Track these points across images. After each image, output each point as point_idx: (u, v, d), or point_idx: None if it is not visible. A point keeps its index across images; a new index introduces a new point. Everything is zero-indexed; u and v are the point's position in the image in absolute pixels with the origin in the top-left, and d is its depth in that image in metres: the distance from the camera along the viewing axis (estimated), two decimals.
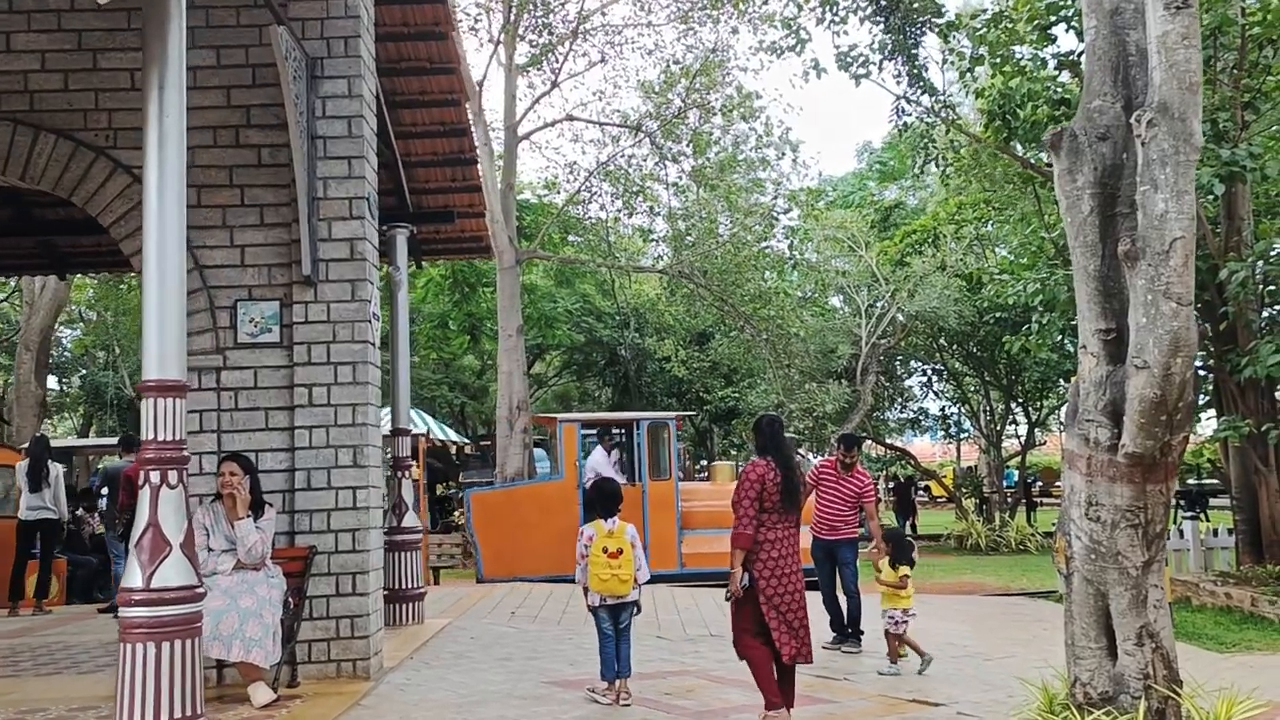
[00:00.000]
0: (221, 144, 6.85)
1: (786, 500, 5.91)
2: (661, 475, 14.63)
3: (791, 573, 5.89)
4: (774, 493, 5.86)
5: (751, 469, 6.01)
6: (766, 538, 5.87)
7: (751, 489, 5.88)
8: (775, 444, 6.03)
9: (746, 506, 5.85)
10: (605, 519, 6.55)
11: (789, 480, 5.93)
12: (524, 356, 20.88)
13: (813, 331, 23.18)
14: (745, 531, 5.82)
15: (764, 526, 5.87)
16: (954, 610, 12.37)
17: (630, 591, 6.49)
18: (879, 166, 43.25)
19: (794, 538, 5.97)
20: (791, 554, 5.93)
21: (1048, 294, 13.47)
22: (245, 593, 5.96)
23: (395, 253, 9.34)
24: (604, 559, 6.41)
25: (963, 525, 24.53)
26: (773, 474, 5.88)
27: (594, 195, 22.57)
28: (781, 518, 5.92)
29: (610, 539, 6.45)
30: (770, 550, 5.86)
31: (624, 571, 6.40)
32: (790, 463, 6.04)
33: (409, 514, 9.19)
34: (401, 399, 9.37)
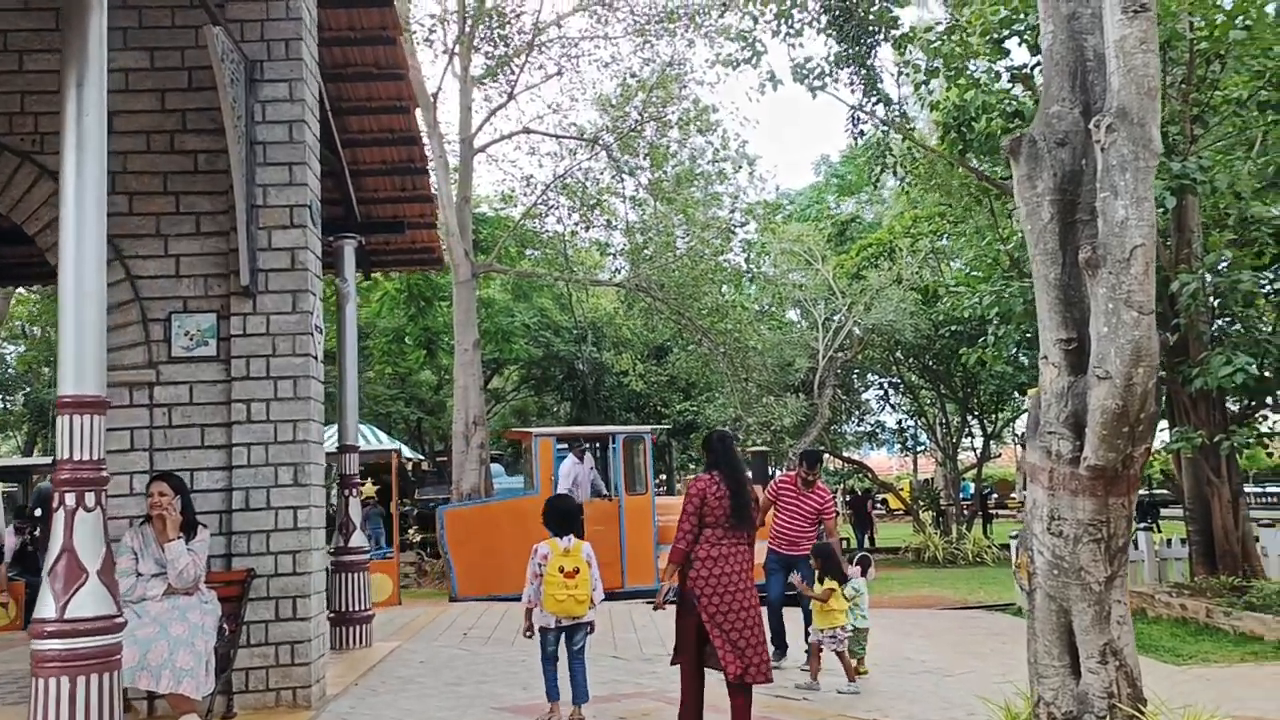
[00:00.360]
0: (155, 149, 6.59)
1: (735, 516, 5.81)
2: (637, 489, 14.42)
3: (738, 590, 5.75)
4: (717, 509, 5.77)
5: (694, 484, 5.94)
6: (710, 554, 5.77)
7: (690, 504, 5.82)
8: (726, 459, 5.94)
9: (683, 522, 5.80)
10: (560, 537, 6.34)
11: (737, 496, 5.81)
12: (480, 371, 20.60)
13: (770, 345, 23.10)
14: (679, 546, 5.80)
15: (708, 542, 5.78)
16: (912, 624, 12.27)
17: (586, 612, 6.29)
18: (836, 180, 43.46)
19: (744, 555, 5.86)
20: (739, 571, 5.80)
21: (1003, 306, 13.46)
22: (176, 619, 5.67)
23: (342, 264, 9.09)
24: (560, 578, 6.20)
25: (920, 538, 24.54)
26: (715, 489, 5.79)
27: (551, 209, 22.38)
28: (728, 534, 5.81)
29: (566, 558, 6.25)
30: (713, 567, 5.75)
31: (580, 591, 6.21)
32: (740, 478, 5.91)
33: (356, 533, 8.91)
34: (349, 415, 9.11)
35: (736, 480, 5.87)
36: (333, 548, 8.98)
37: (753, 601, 5.80)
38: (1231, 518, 12.09)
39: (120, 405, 6.38)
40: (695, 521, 5.80)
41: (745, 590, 5.78)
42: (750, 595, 5.79)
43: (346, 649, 8.73)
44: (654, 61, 21.12)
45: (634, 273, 21.98)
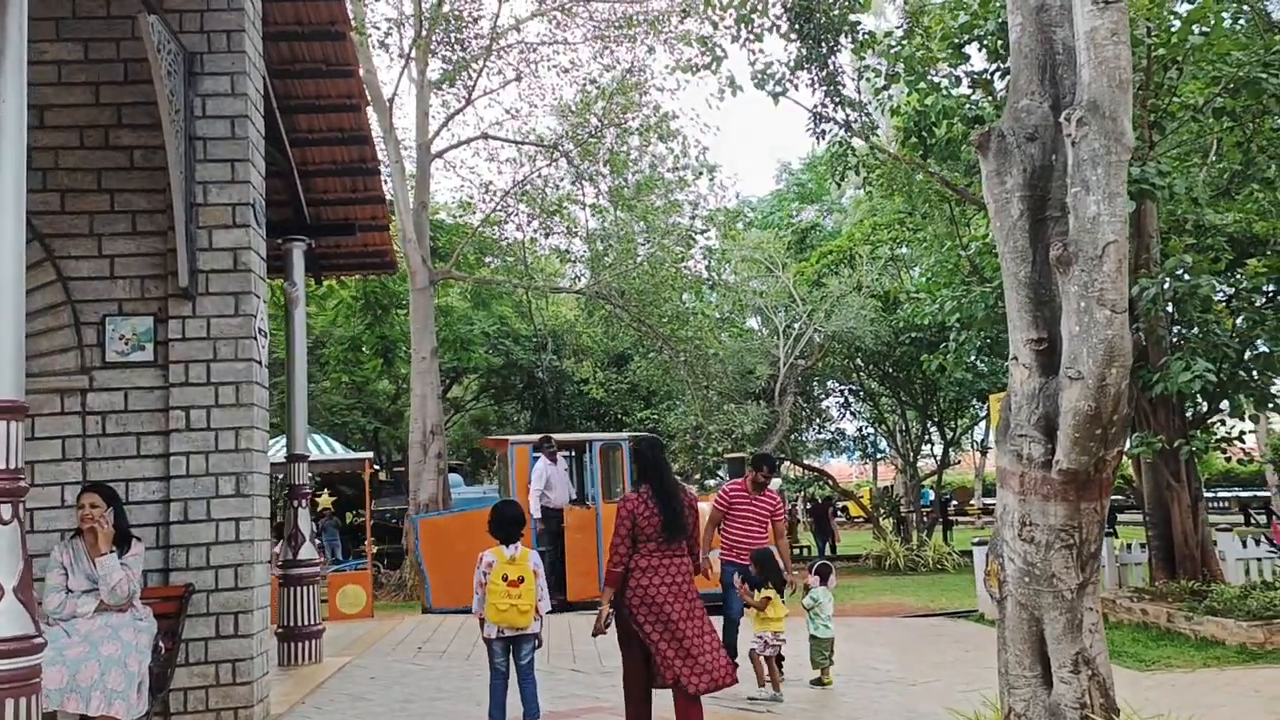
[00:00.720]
0: (89, 145, 6.30)
1: (667, 531, 5.76)
2: (614, 497, 14.15)
3: (677, 599, 5.68)
4: (648, 526, 5.73)
5: (623, 504, 5.87)
6: (639, 565, 5.73)
7: (622, 526, 5.78)
8: (654, 470, 5.92)
9: (617, 544, 5.77)
10: (506, 545, 6.11)
11: (668, 509, 5.76)
12: (438, 379, 20.27)
13: (730, 352, 22.98)
14: (613, 569, 5.76)
15: (642, 556, 5.75)
16: (875, 633, 12.14)
17: (530, 623, 6.06)
18: (797, 188, 43.55)
19: (678, 566, 5.80)
20: (673, 582, 5.74)
21: (964, 311, 13.39)
22: (108, 638, 5.37)
23: (291, 267, 8.79)
24: (503, 587, 5.98)
25: (881, 545, 24.49)
26: (645, 508, 5.75)
27: (510, 215, 22.09)
28: (661, 546, 5.77)
29: (511, 566, 6.03)
30: (642, 579, 5.70)
31: (524, 601, 5.98)
32: (669, 489, 5.85)
33: (305, 545, 8.61)
34: (298, 423, 8.81)
35: (666, 492, 5.82)
36: (281, 560, 8.68)
37: (695, 610, 5.72)
38: (1191, 522, 12.07)
39: (51, 413, 6.09)
40: (629, 543, 5.76)
41: (685, 599, 5.71)
42: (691, 604, 5.72)
43: (295, 665, 8.42)
44: (614, 68, 20.94)
45: (594, 280, 21.76)
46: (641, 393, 27.80)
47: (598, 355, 27.44)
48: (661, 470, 5.95)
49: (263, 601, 6.29)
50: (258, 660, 6.13)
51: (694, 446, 21.96)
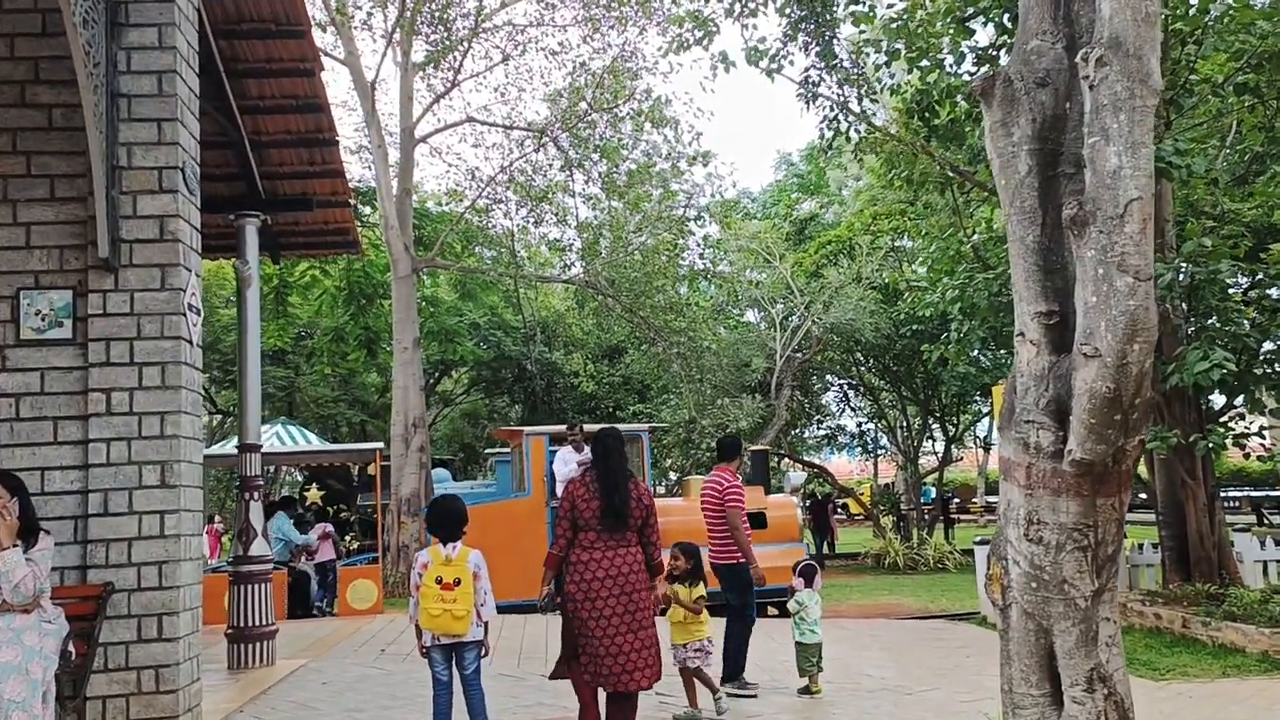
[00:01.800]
0: (3, 103, 5.72)
1: (606, 519, 5.68)
2: None
3: (610, 595, 5.61)
4: (586, 511, 5.70)
5: (567, 488, 5.88)
6: (580, 558, 5.68)
7: (562, 508, 5.81)
8: (604, 459, 5.86)
9: (559, 525, 5.80)
10: (444, 543, 5.65)
11: (609, 497, 5.69)
12: (421, 370, 19.69)
13: (725, 345, 22.39)
14: (551, 552, 5.82)
15: (581, 546, 5.71)
16: (870, 636, 11.56)
17: (468, 630, 5.57)
18: (797, 179, 42.94)
19: (621, 558, 5.70)
20: (614, 575, 5.64)
21: (967, 300, 12.81)
22: (9, 642, 4.80)
23: (244, 244, 8.22)
24: (435, 590, 5.55)
25: (880, 543, 23.94)
26: (584, 491, 5.73)
27: (497, 202, 21.49)
28: (603, 536, 5.69)
29: (446, 567, 5.57)
30: (583, 571, 5.66)
31: (459, 606, 5.52)
32: (615, 479, 5.76)
33: (257, 541, 8.04)
34: (249, 411, 8.22)
35: (611, 480, 5.74)
36: (231, 556, 8.11)
37: (633, 605, 5.63)
38: (1207, 521, 11.48)
39: None
40: (567, 526, 5.74)
41: (625, 594, 5.62)
42: (630, 599, 5.63)
43: (245, 668, 7.87)
44: (604, 51, 20.34)
45: (586, 269, 21.17)
46: (635, 386, 27.22)
47: (590, 348, 26.85)
48: (610, 459, 5.85)
49: (191, 602, 5.72)
50: (184, 666, 5.56)
51: (687, 441, 21.38)
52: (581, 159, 20.77)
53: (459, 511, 5.80)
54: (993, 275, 12.58)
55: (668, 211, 21.05)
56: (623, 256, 20.55)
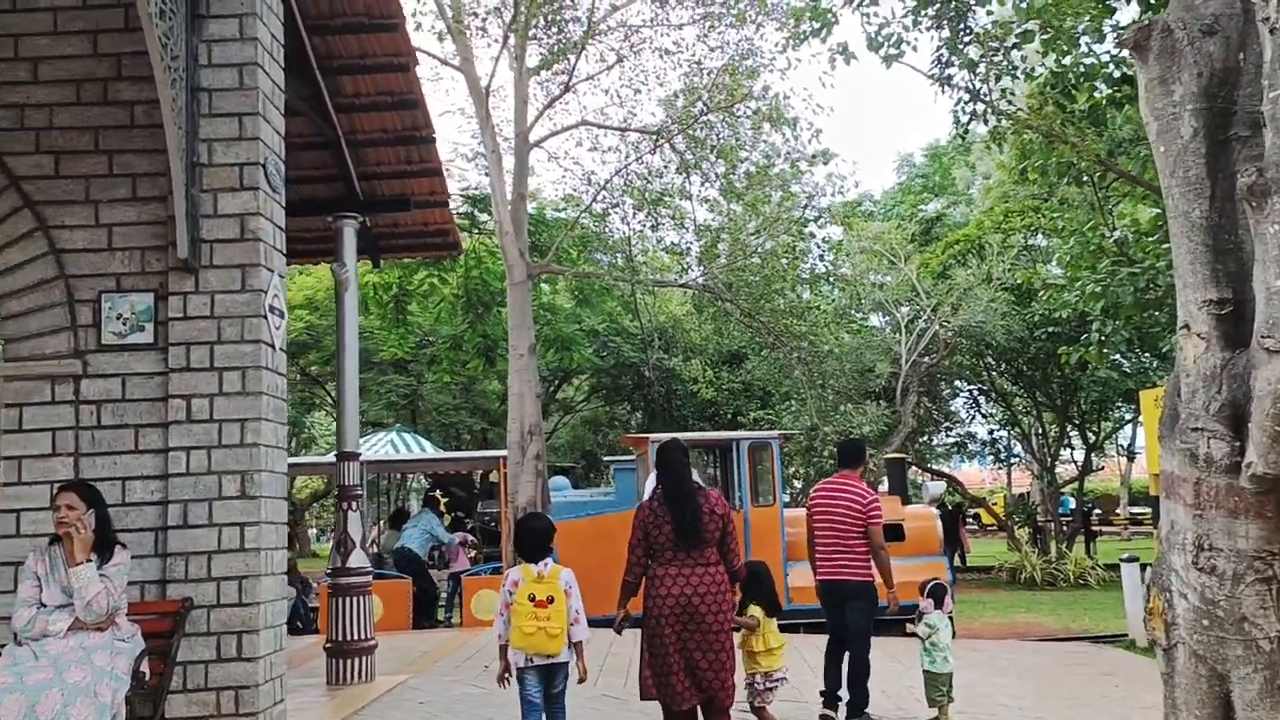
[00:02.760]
0: (86, 100, 5.57)
1: (681, 537, 5.48)
2: (764, 500, 12.99)
3: (685, 613, 5.42)
4: (657, 534, 5.53)
5: (636, 513, 5.70)
6: (657, 573, 5.54)
7: (634, 536, 5.64)
8: (666, 474, 5.65)
9: (630, 553, 5.65)
10: (533, 562, 5.44)
11: (680, 516, 5.47)
12: (536, 377, 19.45)
13: (848, 349, 21.61)
14: (625, 579, 5.70)
15: (659, 563, 5.56)
16: (1006, 660, 10.76)
17: (561, 650, 5.32)
18: (920, 180, 41.67)
19: (699, 576, 5.48)
20: (689, 594, 5.44)
21: (1110, 298, 11.89)
22: (79, 662, 4.60)
23: (341, 247, 8.02)
24: (529, 608, 5.29)
25: (1015, 557, 22.80)
26: (654, 516, 5.54)
27: (614, 206, 21.14)
28: (678, 554, 5.50)
29: (539, 585, 5.32)
30: (659, 587, 5.50)
31: (554, 624, 5.27)
32: (684, 496, 5.53)
33: (356, 552, 7.81)
34: (348, 417, 8.01)
35: (679, 498, 5.53)
36: (329, 569, 7.91)
37: (708, 626, 5.44)
38: None
39: (40, 401, 5.38)
40: (641, 554, 5.62)
41: (696, 614, 5.42)
42: (706, 621, 5.43)
43: (343, 684, 7.64)
44: (721, 48, 19.81)
45: (705, 272, 20.68)
46: (756, 392, 26.61)
47: (709, 354, 26.35)
48: (674, 474, 5.63)
49: (273, 619, 5.46)
50: (265, 688, 5.29)
51: (809, 449, 20.67)
52: (698, 160, 20.29)
53: (545, 530, 5.65)
54: (1139, 271, 11.63)
55: (786, 213, 20.39)
56: (741, 260, 19.98)
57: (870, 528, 7.15)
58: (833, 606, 7.21)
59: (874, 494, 7.36)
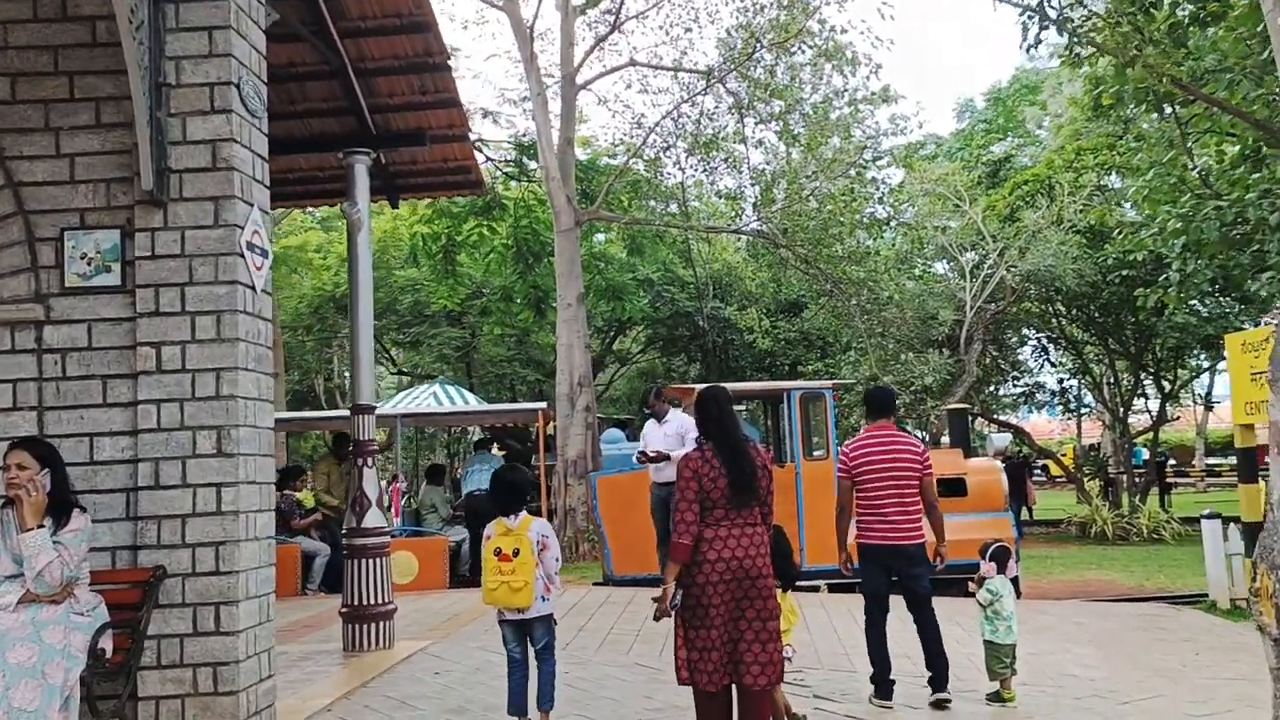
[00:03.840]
0: (44, 17, 5.04)
1: (736, 493, 4.86)
2: (816, 454, 12.27)
3: (735, 579, 4.80)
4: (713, 490, 4.83)
5: (685, 464, 4.94)
6: (707, 535, 4.84)
7: (688, 489, 4.85)
8: (718, 423, 5.00)
9: (684, 511, 4.83)
10: (506, 515, 5.28)
11: (736, 468, 4.86)
12: (585, 327, 18.96)
13: (910, 296, 20.70)
14: (682, 541, 4.82)
15: (708, 525, 4.86)
16: (1075, 624, 10.03)
17: (531, 602, 5.14)
18: (983, 125, 40.17)
19: (750, 538, 4.88)
20: (740, 558, 4.83)
21: (1193, 234, 10.96)
22: (26, 639, 4.15)
23: (354, 185, 7.46)
24: (494, 563, 5.17)
25: (1085, 511, 21.86)
26: (709, 467, 4.86)
27: (666, 149, 20.35)
28: (730, 514, 4.87)
29: (506, 538, 5.19)
30: (710, 551, 4.81)
31: (516, 578, 5.11)
32: (737, 446, 4.92)
33: (372, 511, 7.33)
34: (363, 368, 7.50)
35: (732, 448, 4.91)
36: (345, 529, 7.46)
37: (756, 592, 4.84)
38: None
39: (0, 350, 4.90)
40: (695, 509, 4.84)
41: (746, 579, 4.82)
42: (755, 586, 4.84)
43: (361, 651, 7.21)
44: None
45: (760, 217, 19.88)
46: (816, 342, 25.81)
47: (766, 302, 25.57)
48: (726, 423, 5.01)
49: (257, 589, 4.97)
50: (246, 664, 4.81)
51: None
52: (752, 100, 19.43)
53: (520, 482, 5.42)
54: (1225, 204, 10.68)
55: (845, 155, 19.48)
56: (798, 204, 19.16)
57: (926, 480, 6.48)
58: (883, 572, 6.54)
59: (842, 455, 6.72)
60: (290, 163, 7.98)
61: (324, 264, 26.68)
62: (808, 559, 11.74)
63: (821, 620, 9.33)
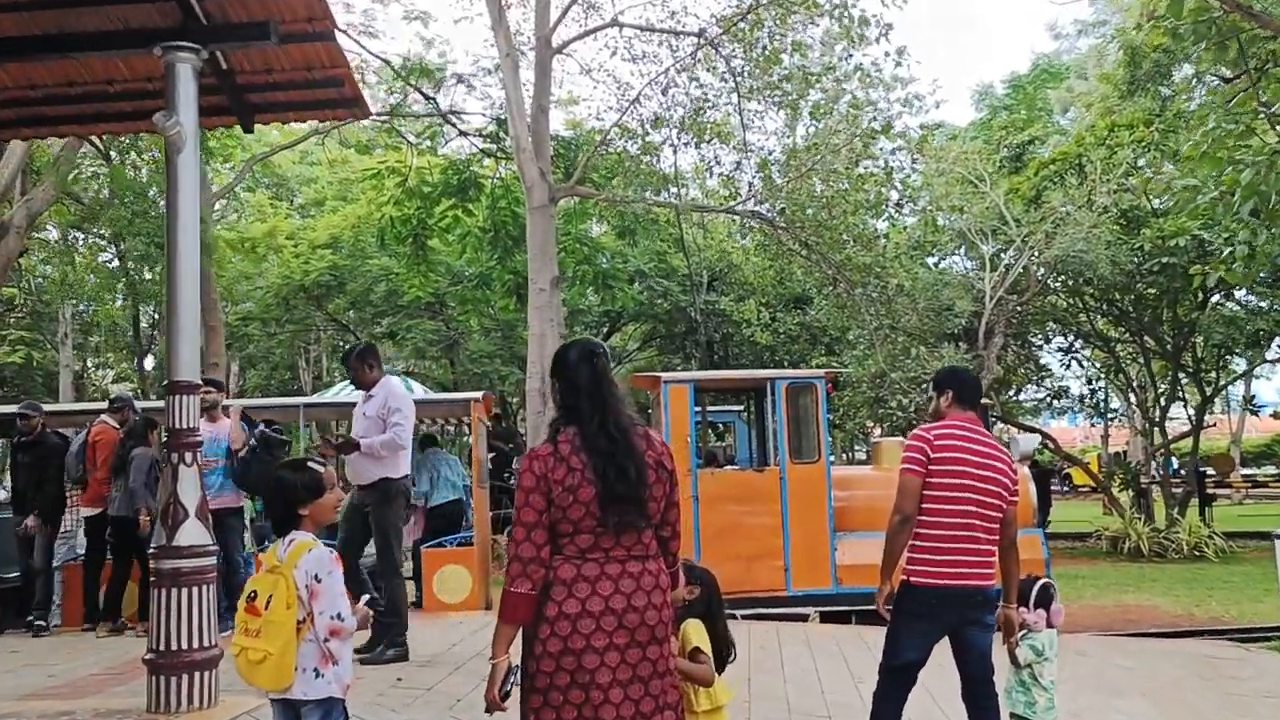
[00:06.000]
0: None
1: (612, 510, 3.01)
2: (806, 456, 10.27)
3: (616, 644, 2.98)
4: (570, 504, 2.99)
5: (527, 466, 3.09)
6: (563, 575, 3.00)
7: (529, 506, 2.99)
8: (584, 397, 3.12)
9: (522, 542, 3.00)
10: (281, 535, 3.50)
11: (613, 469, 3.01)
12: (561, 316, 17.10)
13: (923, 285, 18.74)
14: (517, 591, 3.00)
15: (567, 558, 3.03)
16: (1122, 669, 8.08)
17: (281, 684, 3.29)
18: (1005, 113, 38.12)
19: (635, 578, 3.05)
20: (622, 610, 3.00)
21: (1262, 196, 9.00)
22: None
23: (175, 92, 5.59)
24: (241, 615, 3.36)
25: (1118, 523, 19.87)
26: (564, 470, 3.00)
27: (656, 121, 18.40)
28: (602, 541, 3.02)
29: (264, 578, 3.37)
30: (567, 604, 2.99)
31: (258, 645, 3.26)
32: (614, 435, 3.05)
33: (189, 524, 5.45)
34: (183, 334, 5.61)
35: (607, 438, 3.04)
36: (154, 546, 5.60)
37: (650, 659, 3.03)
38: None
39: None
40: (543, 536, 3.00)
41: (633, 644, 3.01)
42: (647, 651, 3.03)
43: (168, 713, 5.33)
44: None
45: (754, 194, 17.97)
46: (820, 337, 23.90)
47: (766, 293, 23.64)
48: (599, 397, 3.12)
49: None
50: None
51: (876, 399, 17.92)
52: (751, 68, 17.50)
53: (291, 486, 3.48)
54: None
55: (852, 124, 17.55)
56: (798, 182, 17.23)
57: (1011, 510, 4.52)
58: (932, 630, 4.45)
59: (915, 444, 4.56)
60: (79, 69, 6.15)
61: (295, 252, 24.96)
62: (794, 582, 9.84)
63: (802, 665, 7.43)
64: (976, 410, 4.72)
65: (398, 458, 6.99)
